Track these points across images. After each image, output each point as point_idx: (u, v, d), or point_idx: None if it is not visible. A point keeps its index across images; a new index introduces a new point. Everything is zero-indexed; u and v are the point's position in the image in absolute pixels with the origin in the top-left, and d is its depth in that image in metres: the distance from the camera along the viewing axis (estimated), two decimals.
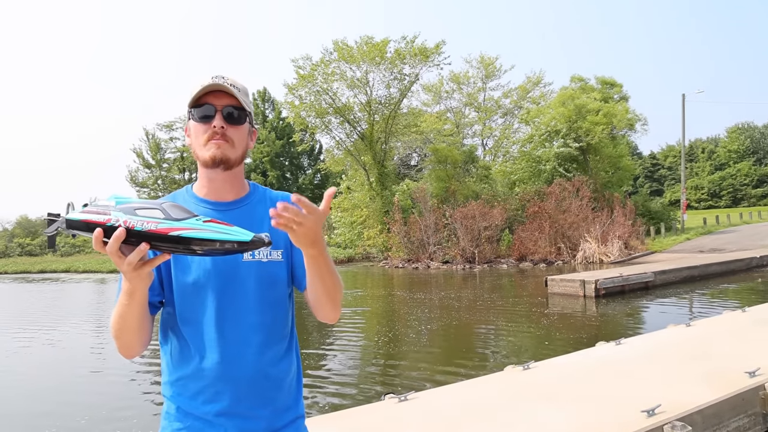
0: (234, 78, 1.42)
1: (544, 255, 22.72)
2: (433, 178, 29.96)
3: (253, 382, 1.41)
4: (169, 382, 1.44)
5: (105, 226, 1.08)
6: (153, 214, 1.09)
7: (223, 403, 1.38)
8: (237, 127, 1.41)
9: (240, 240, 1.07)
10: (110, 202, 1.12)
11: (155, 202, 1.12)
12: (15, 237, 57.29)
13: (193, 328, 1.39)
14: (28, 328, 12.48)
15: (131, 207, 1.10)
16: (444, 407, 3.75)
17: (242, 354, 1.39)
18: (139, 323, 1.29)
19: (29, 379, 8.03)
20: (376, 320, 11.74)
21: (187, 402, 1.41)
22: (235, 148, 1.41)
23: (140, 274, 1.14)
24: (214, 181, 1.45)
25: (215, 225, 1.09)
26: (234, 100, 1.39)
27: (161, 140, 53.19)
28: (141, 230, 1.07)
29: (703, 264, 15.78)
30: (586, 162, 30.19)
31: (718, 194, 71.02)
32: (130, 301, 1.22)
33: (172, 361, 1.43)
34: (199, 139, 1.40)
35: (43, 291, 23.68)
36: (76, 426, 5.73)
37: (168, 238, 1.07)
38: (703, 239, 26.43)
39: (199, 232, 1.06)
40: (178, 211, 1.10)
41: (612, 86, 34.89)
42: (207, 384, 1.38)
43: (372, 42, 29.27)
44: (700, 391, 3.63)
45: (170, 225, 1.07)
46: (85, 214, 1.10)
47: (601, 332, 8.76)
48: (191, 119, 1.41)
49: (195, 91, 1.38)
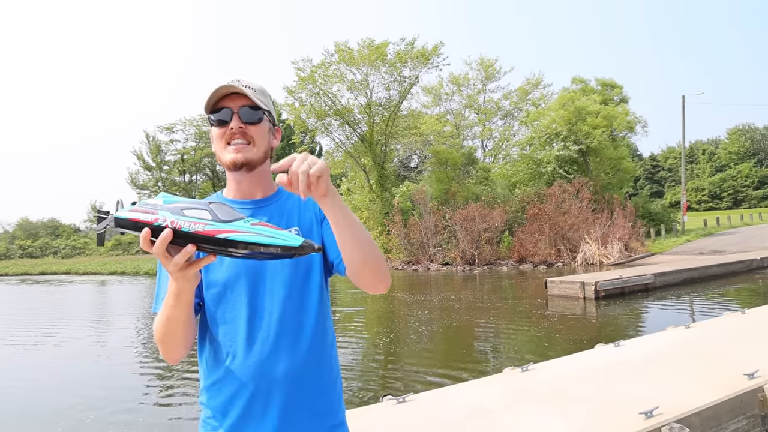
0: (250, 80, 1.42)
1: (544, 257, 22.70)
2: (433, 180, 29.95)
3: (290, 383, 1.37)
4: (204, 387, 1.42)
5: (152, 225, 1.06)
6: (200, 215, 1.07)
7: (258, 407, 1.35)
8: (256, 126, 1.40)
9: (289, 245, 1.03)
10: (158, 200, 1.11)
11: (203, 202, 1.11)
12: (16, 239, 57.35)
13: (226, 328, 1.38)
14: (36, 329, 12.48)
15: (179, 207, 1.09)
16: (442, 409, 3.75)
17: (277, 354, 1.36)
18: (185, 325, 1.28)
19: (35, 378, 8.04)
20: (375, 321, 11.74)
21: (221, 406, 1.38)
22: (257, 148, 1.40)
23: (186, 275, 1.12)
24: (240, 183, 1.45)
25: (263, 228, 1.06)
26: (249, 100, 1.38)
27: (162, 142, 53.24)
28: (188, 231, 1.05)
29: (704, 266, 15.77)
30: (586, 164, 30.19)
31: (719, 196, 71.06)
32: (177, 302, 1.21)
33: (207, 366, 1.42)
34: (219, 143, 1.40)
35: (47, 292, 23.68)
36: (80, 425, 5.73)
37: (214, 240, 1.04)
38: (703, 241, 26.41)
39: (246, 236, 1.04)
40: (225, 212, 1.08)
41: (612, 88, 34.91)
42: (241, 387, 1.35)
43: (373, 44, 29.30)
44: (698, 393, 3.63)
45: (217, 227, 1.05)
46: (133, 212, 1.08)
47: (600, 334, 8.76)
48: (211, 125, 1.41)
49: (210, 96, 1.37)
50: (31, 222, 62.07)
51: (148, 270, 32.46)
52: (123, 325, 12.98)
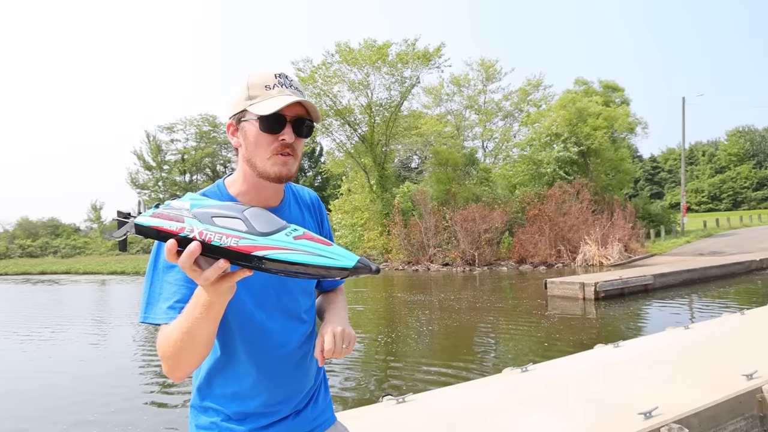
0: (296, 79, 1.30)
1: (544, 257, 22.71)
2: (434, 181, 29.97)
3: (303, 391, 1.43)
4: (221, 394, 1.36)
5: (178, 236, 0.92)
6: (233, 225, 0.92)
7: (272, 416, 1.37)
8: (302, 139, 1.29)
9: (342, 266, 0.88)
10: (185, 203, 0.97)
11: (237, 207, 0.96)
12: (16, 238, 57.37)
13: (250, 336, 1.33)
14: (38, 328, 12.50)
15: (208, 213, 0.94)
16: (442, 409, 3.75)
17: (301, 363, 1.41)
18: (208, 341, 1.13)
19: (39, 376, 8.06)
20: (375, 321, 11.75)
21: (241, 413, 1.35)
22: (297, 160, 1.30)
23: (218, 289, 0.97)
24: (263, 191, 1.34)
25: (309, 243, 0.91)
26: (303, 110, 1.26)
27: (162, 142, 53.30)
28: (219, 245, 0.90)
29: (703, 267, 15.78)
30: (586, 165, 30.20)
31: (719, 197, 71.12)
32: (206, 314, 1.05)
33: (219, 372, 1.36)
34: (262, 150, 1.25)
35: (47, 292, 23.69)
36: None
37: (250, 258, 0.90)
38: (703, 242, 26.43)
39: (290, 254, 0.88)
40: (263, 223, 0.93)
41: (614, 90, 34.92)
42: (256, 397, 1.35)
43: (374, 45, 29.32)
44: (697, 394, 3.64)
45: (254, 242, 0.89)
46: (157, 219, 0.94)
47: (600, 335, 8.77)
48: (250, 124, 1.25)
49: (258, 93, 1.24)
50: (31, 221, 62.07)
51: None
52: (124, 324, 13.00)
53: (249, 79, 1.25)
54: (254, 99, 1.23)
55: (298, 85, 1.28)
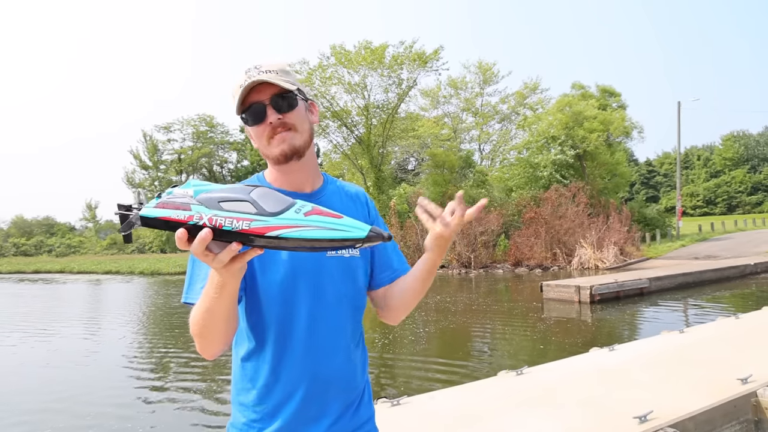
0: (267, 62, 1.30)
1: (540, 260, 22.74)
2: (430, 183, 30.00)
3: (341, 383, 1.36)
4: (252, 388, 1.34)
5: (187, 225, 0.91)
6: (242, 208, 0.92)
7: (311, 409, 1.32)
8: (293, 112, 1.31)
9: (354, 237, 0.90)
10: (188, 190, 0.96)
11: (242, 189, 0.96)
12: (10, 236, 57.14)
13: (282, 330, 1.32)
14: (31, 328, 12.43)
15: (214, 198, 0.93)
16: (437, 412, 3.74)
17: (331, 356, 1.34)
18: (227, 318, 1.18)
19: (31, 376, 8.01)
20: (370, 323, 11.73)
21: (271, 409, 1.32)
22: (300, 132, 1.32)
23: (230, 270, 1.00)
24: (290, 174, 1.37)
25: (320, 218, 0.93)
26: (276, 87, 1.28)
27: (159, 142, 53.20)
28: (231, 229, 0.91)
29: (698, 271, 15.83)
30: (582, 168, 30.26)
31: (713, 201, 71.32)
32: (221, 294, 1.09)
33: (254, 367, 1.34)
34: (262, 141, 1.32)
35: (41, 290, 23.59)
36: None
37: (265, 238, 0.91)
38: (698, 246, 26.51)
39: (303, 231, 0.90)
40: (271, 201, 0.94)
41: (611, 95, 35.01)
42: (295, 389, 1.31)
43: (370, 47, 29.31)
44: (692, 398, 3.64)
45: (267, 223, 0.90)
46: (162, 209, 0.93)
47: (595, 338, 8.78)
48: (246, 124, 1.32)
49: (236, 95, 1.28)
50: (26, 220, 61.88)
51: (143, 269, 32.37)
52: (118, 324, 12.95)
53: (232, 87, 1.29)
54: (236, 101, 1.28)
55: (271, 67, 1.29)
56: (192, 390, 6.98)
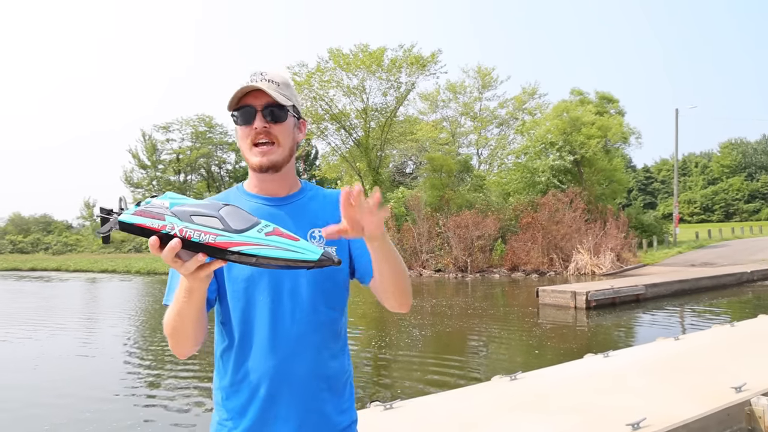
0: (274, 71, 1.37)
1: (536, 265, 22.73)
2: (428, 187, 29.97)
3: (309, 384, 1.35)
4: (221, 387, 1.39)
5: (160, 233, 1.01)
6: (211, 223, 1.01)
7: (277, 408, 1.33)
8: (280, 125, 1.36)
9: (306, 259, 1.00)
10: (165, 202, 1.04)
11: (213, 205, 1.05)
12: (7, 234, 57.00)
13: (246, 327, 1.34)
14: (27, 327, 12.39)
15: (187, 212, 1.02)
16: (430, 416, 3.73)
17: (299, 354, 1.34)
18: (196, 321, 1.24)
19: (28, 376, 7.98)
20: (365, 325, 11.71)
21: (239, 407, 1.35)
22: (281, 148, 1.37)
23: (197, 277, 1.08)
24: (263, 182, 1.42)
25: (279, 239, 1.02)
26: (271, 98, 1.33)
27: (157, 141, 53.14)
28: (198, 242, 1.00)
29: (694, 278, 15.84)
30: (580, 174, 30.29)
31: (711, 208, 71.47)
32: (189, 298, 1.17)
33: (223, 365, 1.39)
34: (244, 143, 1.37)
35: (39, 288, 23.52)
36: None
37: (227, 252, 1.00)
38: (694, 253, 26.53)
39: (261, 249, 0.99)
40: (237, 220, 1.03)
41: (609, 101, 35.06)
42: (258, 387, 1.33)
43: (367, 50, 29.32)
44: (686, 405, 3.63)
45: (230, 239, 0.99)
46: (139, 217, 1.02)
47: (590, 344, 8.77)
48: (235, 123, 1.38)
49: (232, 93, 1.34)
50: (23, 217, 61.69)
51: (140, 269, 32.29)
52: (117, 320, 12.91)
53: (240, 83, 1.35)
54: (231, 99, 1.34)
55: (273, 77, 1.35)
56: (190, 386, 7.02)
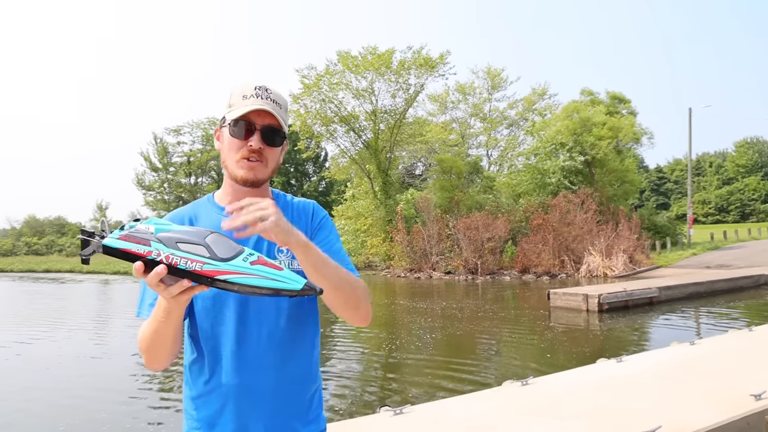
0: (276, 91, 1.37)
1: (547, 267, 22.56)
2: (437, 188, 29.89)
3: (275, 399, 1.36)
4: (191, 397, 1.40)
5: (145, 259, 1.02)
6: (197, 251, 1.02)
7: (242, 422, 1.34)
8: (273, 148, 1.37)
9: (290, 288, 1.02)
10: (150, 227, 1.05)
11: (198, 233, 1.06)
12: (22, 236, 57.66)
13: (213, 342, 1.36)
14: (40, 327, 12.47)
15: (172, 238, 1.03)
16: (440, 422, 3.67)
17: (264, 369, 1.35)
18: (174, 339, 1.28)
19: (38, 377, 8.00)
20: (375, 328, 11.66)
21: (208, 418, 1.36)
22: (267, 168, 1.38)
23: (179, 300, 1.10)
24: (239, 194, 1.40)
25: (263, 268, 1.03)
26: (275, 120, 1.34)
27: (169, 144, 53.49)
28: (184, 269, 1.02)
29: (710, 280, 15.61)
30: (591, 175, 30.06)
31: (726, 209, 70.72)
32: (167, 318, 1.20)
33: (193, 377, 1.40)
34: (232, 154, 1.36)
35: (53, 289, 23.72)
36: None
37: (212, 280, 1.02)
38: (709, 255, 26.20)
39: (246, 278, 1.01)
40: (223, 248, 1.04)
41: (621, 101, 34.76)
42: (227, 401, 1.34)
43: (376, 52, 29.32)
44: (703, 413, 3.53)
45: (216, 267, 1.01)
46: (124, 242, 1.02)
47: (603, 348, 8.65)
48: (227, 130, 1.36)
49: (235, 101, 1.34)
50: (38, 219, 62.37)
51: None
52: (131, 321, 12.95)
53: (232, 89, 1.37)
54: (232, 107, 1.35)
55: (276, 98, 1.36)
56: None
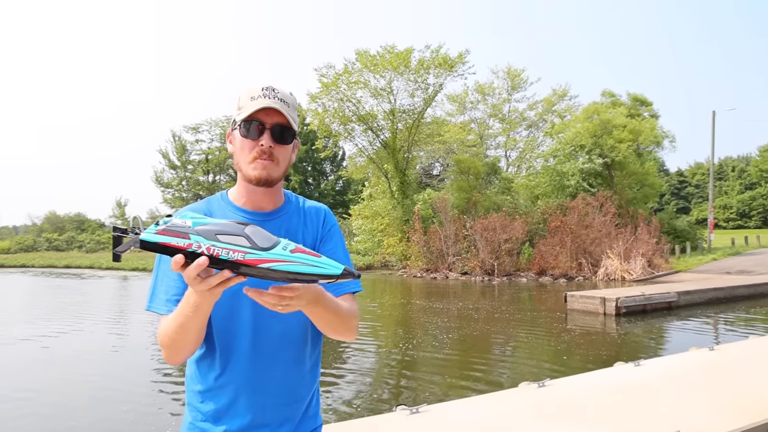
0: (284, 90, 1.39)
1: (564, 270, 22.41)
2: (455, 189, 29.82)
3: (280, 396, 1.41)
4: (198, 391, 1.43)
5: (186, 252, 1.03)
6: (237, 242, 1.04)
7: (248, 417, 1.38)
8: (284, 146, 1.39)
9: (330, 273, 1.03)
10: (186, 221, 1.06)
11: (236, 226, 1.07)
12: (43, 232, 58.51)
13: (226, 337, 1.38)
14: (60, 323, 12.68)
15: (211, 231, 1.04)
16: (455, 422, 3.69)
17: (273, 367, 1.39)
18: (198, 333, 1.29)
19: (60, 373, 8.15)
20: (392, 327, 11.70)
21: (214, 412, 1.40)
22: (279, 167, 1.40)
23: (213, 293, 1.12)
24: (253, 194, 1.43)
25: (303, 255, 1.05)
26: (284, 119, 1.36)
27: (187, 142, 53.98)
28: (227, 259, 1.03)
29: (730, 286, 15.40)
30: (610, 177, 29.78)
31: (748, 214, 69.56)
32: (196, 313, 1.21)
33: (200, 371, 1.42)
34: (245, 155, 1.37)
35: (74, 285, 24.10)
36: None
37: (257, 269, 1.03)
38: (730, 260, 25.83)
39: (289, 265, 1.02)
40: (262, 239, 1.06)
41: (643, 104, 34.37)
42: (238, 395, 1.38)
43: (394, 51, 29.31)
44: (721, 419, 3.52)
45: (259, 256, 1.02)
46: (163, 236, 1.04)
47: (620, 352, 8.60)
48: (238, 131, 1.38)
49: (244, 104, 1.36)
50: (59, 216, 63.22)
51: None
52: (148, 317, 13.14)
53: (240, 93, 1.39)
54: (241, 109, 1.37)
55: (284, 97, 1.37)
56: None
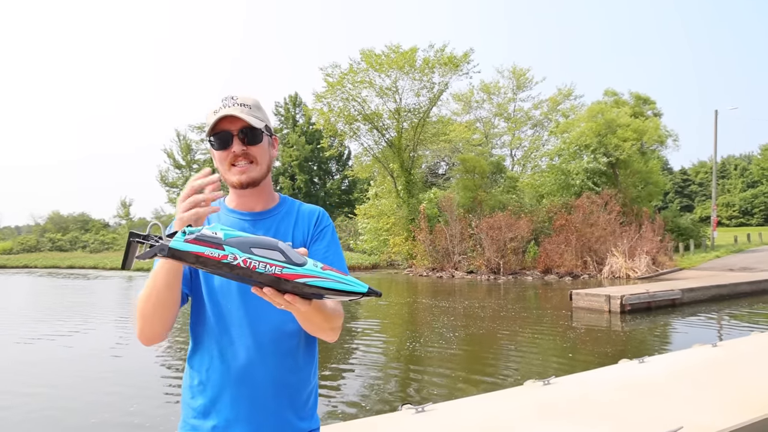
0: (243, 95, 1.43)
1: (569, 268, 22.43)
2: (461, 188, 29.82)
3: (272, 389, 1.41)
4: (189, 386, 1.46)
5: (221, 263, 1.02)
6: (273, 256, 1.04)
7: (239, 410, 1.39)
8: (256, 146, 1.42)
9: (357, 291, 1.05)
10: (217, 233, 1.05)
11: (270, 241, 1.07)
12: (46, 232, 58.50)
13: (216, 331, 1.41)
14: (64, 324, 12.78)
15: (245, 243, 1.04)
16: (461, 421, 3.75)
17: (265, 360, 1.40)
18: (163, 309, 1.31)
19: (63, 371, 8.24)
20: (398, 326, 11.76)
21: (203, 407, 1.41)
22: (259, 166, 1.44)
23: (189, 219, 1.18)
24: (242, 197, 1.50)
25: (331, 273, 1.07)
26: (245, 122, 1.39)
27: (192, 141, 54.06)
28: (263, 273, 1.03)
29: (733, 282, 15.42)
30: (615, 176, 29.76)
31: (750, 212, 69.29)
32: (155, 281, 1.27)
33: (194, 367, 1.45)
34: (223, 165, 1.43)
35: (79, 287, 24.21)
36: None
37: (292, 284, 1.04)
38: (733, 257, 25.80)
39: (323, 281, 1.05)
40: (296, 255, 1.07)
41: (646, 102, 34.29)
42: (224, 390, 1.39)
43: (399, 50, 29.31)
44: (725, 415, 3.57)
45: (295, 271, 1.04)
46: (195, 245, 1.02)
47: (625, 349, 8.65)
48: (212, 148, 1.43)
49: (209, 119, 1.39)
50: (62, 216, 63.19)
51: None
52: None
53: (207, 112, 1.42)
54: (208, 126, 1.40)
55: (244, 101, 1.41)
56: None
